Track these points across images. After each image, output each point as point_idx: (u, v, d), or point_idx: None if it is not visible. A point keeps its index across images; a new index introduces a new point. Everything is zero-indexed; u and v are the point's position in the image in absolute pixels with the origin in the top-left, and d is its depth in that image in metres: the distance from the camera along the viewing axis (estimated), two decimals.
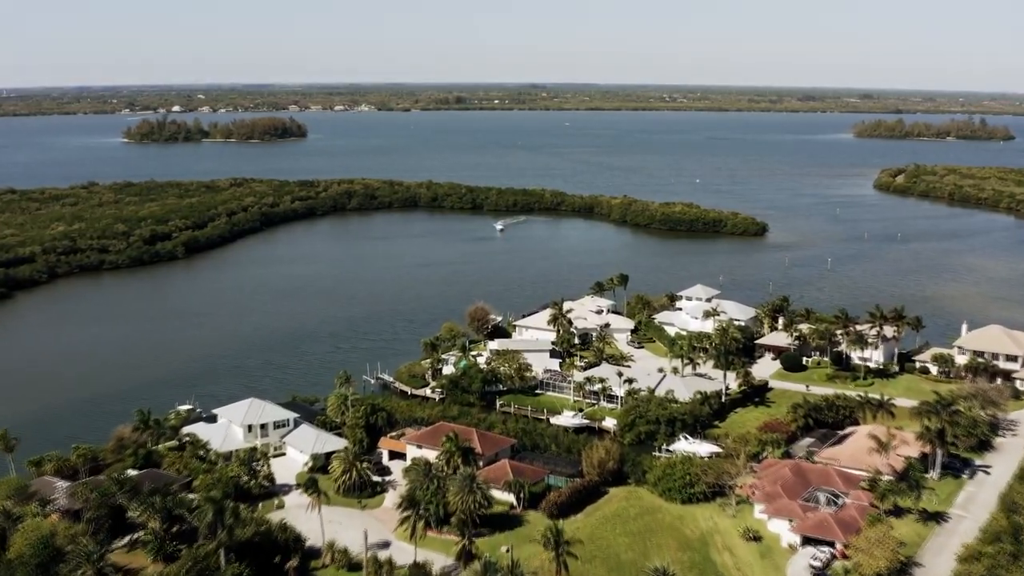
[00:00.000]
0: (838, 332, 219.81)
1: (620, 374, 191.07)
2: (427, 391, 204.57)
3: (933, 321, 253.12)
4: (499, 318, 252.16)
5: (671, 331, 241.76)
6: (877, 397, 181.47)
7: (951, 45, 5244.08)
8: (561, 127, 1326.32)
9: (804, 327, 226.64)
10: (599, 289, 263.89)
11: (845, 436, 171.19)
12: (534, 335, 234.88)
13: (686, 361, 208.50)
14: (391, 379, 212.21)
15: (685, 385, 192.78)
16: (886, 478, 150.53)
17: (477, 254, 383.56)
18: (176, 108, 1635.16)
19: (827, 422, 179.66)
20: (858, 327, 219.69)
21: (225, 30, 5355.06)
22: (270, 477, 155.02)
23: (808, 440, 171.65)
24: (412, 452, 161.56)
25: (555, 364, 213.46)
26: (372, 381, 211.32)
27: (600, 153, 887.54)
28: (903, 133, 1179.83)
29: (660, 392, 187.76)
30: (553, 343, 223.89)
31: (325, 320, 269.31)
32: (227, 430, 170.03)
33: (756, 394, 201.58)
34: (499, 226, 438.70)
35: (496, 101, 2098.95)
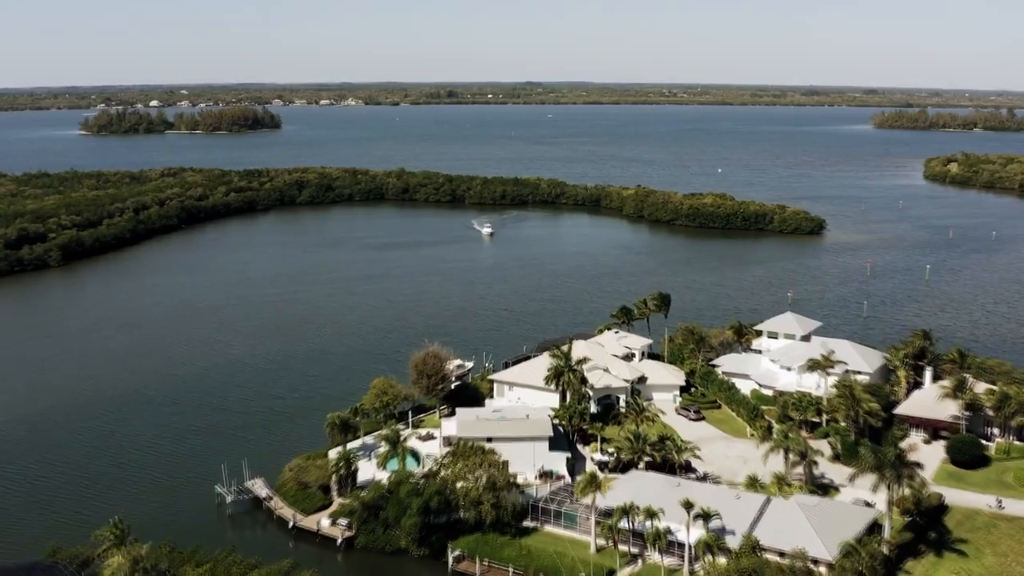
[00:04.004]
0: None
1: (688, 505, 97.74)
2: (324, 521, 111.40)
3: None
4: (469, 365, 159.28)
5: (745, 388, 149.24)
6: None
7: (951, 44, 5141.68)
8: (557, 119, 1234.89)
9: (979, 389, 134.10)
10: (625, 317, 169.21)
11: None
12: (523, 398, 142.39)
13: (794, 458, 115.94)
14: (266, 492, 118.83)
15: (808, 517, 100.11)
16: None
17: (449, 262, 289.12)
18: (154, 103, 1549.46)
19: None
20: None
21: (220, 32, 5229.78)
22: None
23: None
24: None
25: (559, 461, 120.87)
26: (229, 497, 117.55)
27: (598, 144, 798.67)
28: (927, 124, 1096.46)
29: (766, 536, 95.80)
30: (555, 413, 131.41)
31: (182, 373, 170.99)
32: None
33: (930, 523, 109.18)
34: (487, 228, 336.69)
35: (490, 96, 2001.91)
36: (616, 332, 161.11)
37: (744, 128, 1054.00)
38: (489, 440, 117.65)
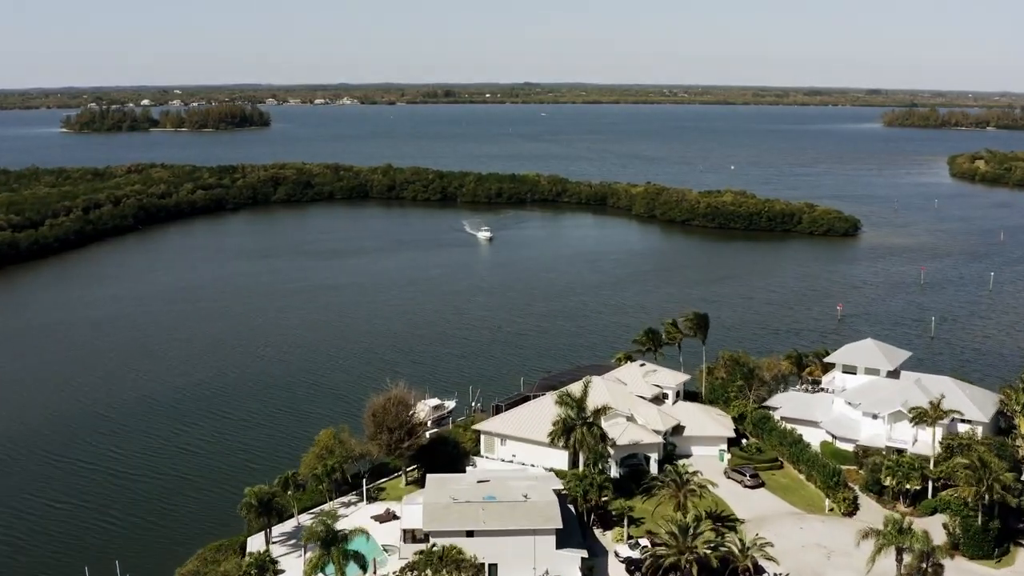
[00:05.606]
0: None
1: None
2: None
3: None
4: (449, 406, 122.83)
5: (812, 439, 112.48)
6: None
7: (952, 46, 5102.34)
8: (551, 117, 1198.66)
9: None
10: (652, 343, 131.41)
11: None
12: (520, 456, 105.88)
13: (911, 560, 79.60)
14: None
15: None
16: None
17: (436, 269, 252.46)
18: (145, 102, 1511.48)
19: None
20: None
21: (218, 33, 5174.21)
22: None
23: None
24: None
25: (571, 564, 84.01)
26: None
27: (595, 141, 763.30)
28: (938, 122, 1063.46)
29: None
30: (563, 485, 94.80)
31: (68, 415, 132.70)
32: None
33: None
34: (484, 232, 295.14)
35: (488, 95, 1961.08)
36: (642, 364, 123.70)
37: (748, 126, 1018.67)
38: (470, 534, 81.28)
